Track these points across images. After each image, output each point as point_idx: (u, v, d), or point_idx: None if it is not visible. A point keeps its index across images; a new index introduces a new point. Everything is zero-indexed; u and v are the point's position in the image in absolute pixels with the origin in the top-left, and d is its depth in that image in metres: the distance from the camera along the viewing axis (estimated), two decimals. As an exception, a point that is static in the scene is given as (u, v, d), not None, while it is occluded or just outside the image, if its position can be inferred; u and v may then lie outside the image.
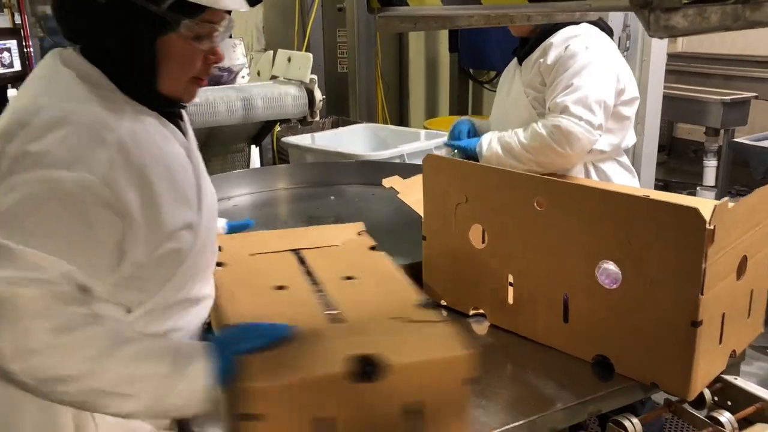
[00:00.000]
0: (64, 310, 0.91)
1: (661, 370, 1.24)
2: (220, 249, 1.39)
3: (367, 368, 0.97)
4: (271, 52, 3.15)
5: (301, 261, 1.44)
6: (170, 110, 1.16)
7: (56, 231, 0.93)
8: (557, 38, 2.02)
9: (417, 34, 5.59)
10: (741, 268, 1.29)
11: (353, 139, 3.52)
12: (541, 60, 2.04)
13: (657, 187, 4.18)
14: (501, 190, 1.44)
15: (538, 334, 1.43)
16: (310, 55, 2.98)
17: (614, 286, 1.29)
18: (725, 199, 1.18)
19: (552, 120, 1.97)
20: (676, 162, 6.44)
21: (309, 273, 1.37)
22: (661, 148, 6.62)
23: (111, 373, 0.92)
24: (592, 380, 1.31)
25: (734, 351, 1.36)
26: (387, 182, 1.86)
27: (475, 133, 2.25)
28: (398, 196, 1.77)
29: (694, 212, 1.12)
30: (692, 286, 1.17)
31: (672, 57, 6.54)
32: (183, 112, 1.22)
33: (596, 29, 2.05)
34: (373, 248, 1.52)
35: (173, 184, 1.09)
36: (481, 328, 1.53)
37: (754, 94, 3.95)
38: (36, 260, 0.91)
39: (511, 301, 1.47)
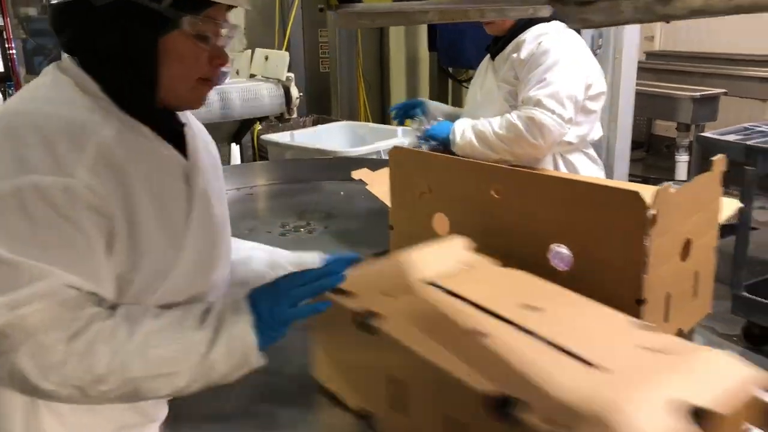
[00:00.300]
0: (75, 314, 0.90)
1: (610, 347, 1.31)
2: (349, 294, 1.16)
3: (696, 419, 0.83)
4: (250, 51, 3.21)
5: (452, 294, 1.19)
6: (170, 128, 1.10)
7: (51, 239, 0.90)
8: (529, 35, 2.12)
9: (397, 34, 5.66)
10: (685, 251, 1.36)
11: (332, 137, 3.59)
12: (514, 55, 2.13)
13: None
14: (461, 180, 1.51)
15: (498, 316, 1.50)
16: (287, 53, 3.05)
17: (567, 268, 1.36)
18: (667, 183, 1.25)
19: (526, 112, 2.06)
20: (654, 159, 6.56)
21: (481, 308, 1.13)
22: (640, 145, 6.75)
23: (142, 358, 0.91)
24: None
25: (681, 329, 1.43)
26: (356, 174, 1.93)
27: (425, 113, 2.34)
28: (366, 187, 1.83)
29: (635, 195, 1.19)
30: (636, 266, 1.24)
31: (650, 55, 6.67)
32: (188, 131, 1.15)
33: (565, 26, 2.14)
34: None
35: (158, 204, 1.02)
36: (445, 312, 1.60)
37: (723, 90, 4.06)
38: (36, 273, 0.88)
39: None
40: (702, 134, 3.35)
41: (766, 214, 4.96)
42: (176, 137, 1.11)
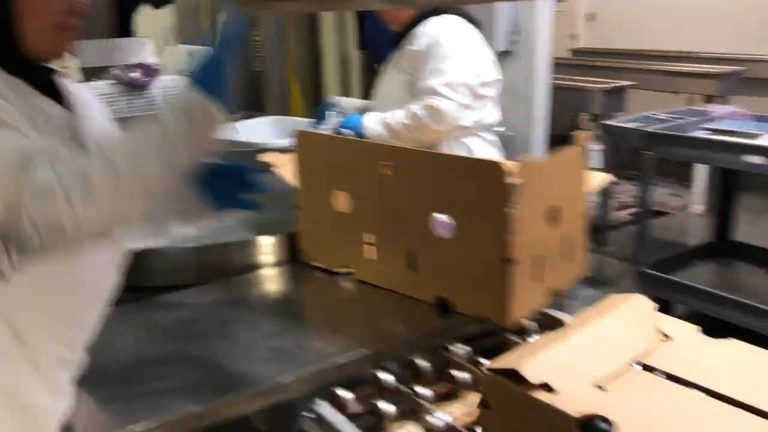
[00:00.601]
0: (45, 152, 0.96)
1: (486, 305, 1.46)
2: (551, 389, 0.91)
3: None
4: (176, 47, 3.28)
5: (676, 380, 0.97)
6: (43, 79, 1.14)
7: None
8: (425, 28, 2.30)
9: (328, 33, 5.77)
10: (554, 217, 1.52)
11: (258, 131, 3.69)
12: (411, 48, 2.31)
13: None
14: (356, 160, 1.64)
15: (393, 283, 1.63)
16: (210, 48, 3.12)
17: (450, 235, 1.50)
18: (528, 155, 1.41)
19: (426, 101, 2.23)
20: (580, 151, 6.83)
21: (719, 397, 0.92)
22: (566, 139, 7.04)
23: (121, 156, 0.99)
24: (434, 318, 1.52)
25: (558, 290, 1.59)
26: (264, 158, 2.04)
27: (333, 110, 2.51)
28: (275, 169, 1.94)
29: (496, 166, 1.34)
30: (503, 229, 1.39)
31: (576, 52, 6.96)
32: (59, 81, 1.19)
33: (460, 19, 2.33)
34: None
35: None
36: (349, 284, 1.73)
37: (631, 82, 4.32)
38: None
39: (372, 257, 1.67)
40: (605, 122, 3.58)
41: (678, 200, 5.27)
42: (52, 91, 1.17)
